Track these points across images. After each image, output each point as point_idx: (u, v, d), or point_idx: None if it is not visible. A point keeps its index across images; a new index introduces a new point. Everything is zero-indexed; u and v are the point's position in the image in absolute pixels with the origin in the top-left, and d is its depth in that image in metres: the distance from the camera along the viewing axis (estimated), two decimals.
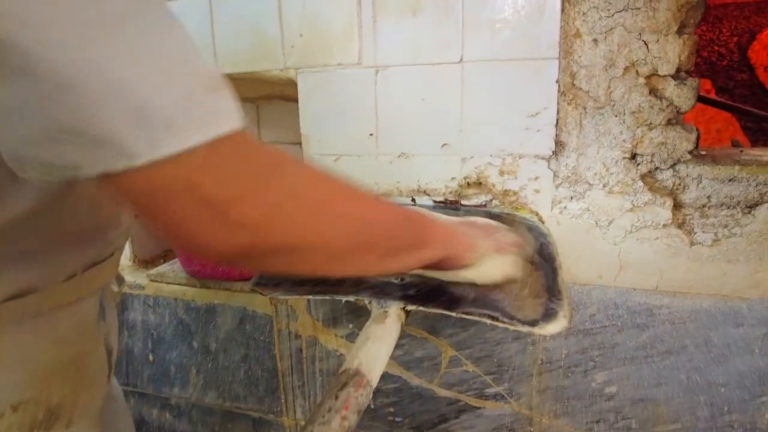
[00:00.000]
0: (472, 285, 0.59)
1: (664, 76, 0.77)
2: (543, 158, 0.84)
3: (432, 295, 0.56)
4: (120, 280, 0.67)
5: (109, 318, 0.59)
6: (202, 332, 1.11)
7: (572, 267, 0.86)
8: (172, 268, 1.16)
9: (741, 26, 1.60)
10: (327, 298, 0.58)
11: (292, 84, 0.94)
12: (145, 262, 1.24)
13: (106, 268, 0.53)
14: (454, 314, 0.52)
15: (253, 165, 0.33)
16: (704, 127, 1.29)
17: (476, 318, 0.52)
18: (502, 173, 0.86)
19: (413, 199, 0.92)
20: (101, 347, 0.56)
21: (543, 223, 0.85)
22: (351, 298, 0.54)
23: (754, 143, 1.31)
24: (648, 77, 0.78)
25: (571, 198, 0.84)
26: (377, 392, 1.00)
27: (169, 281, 1.12)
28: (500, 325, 0.51)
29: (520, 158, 0.85)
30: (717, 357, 0.82)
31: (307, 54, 0.91)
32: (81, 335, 0.52)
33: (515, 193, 0.87)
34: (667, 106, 0.78)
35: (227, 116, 0.31)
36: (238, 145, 0.32)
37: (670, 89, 0.77)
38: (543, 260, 0.66)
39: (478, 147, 0.86)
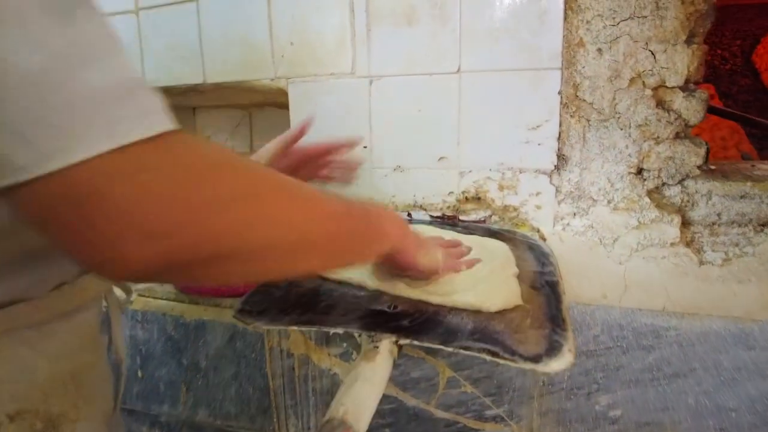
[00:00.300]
0: (471, 312, 0.55)
1: (672, 87, 0.74)
2: (544, 173, 0.80)
3: (427, 325, 0.52)
4: (128, 291, 0.64)
5: (115, 330, 0.57)
6: (192, 349, 1.07)
7: (575, 286, 0.82)
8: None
9: (744, 29, 1.56)
10: (314, 329, 0.55)
11: (284, 93, 0.91)
12: None
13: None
14: (450, 349, 0.48)
15: (172, 170, 0.30)
16: (708, 135, 1.26)
17: (475, 353, 0.48)
18: (501, 188, 0.83)
19: (409, 214, 0.88)
20: (103, 361, 0.54)
21: (545, 240, 0.81)
22: (339, 331, 0.51)
23: (761, 151, 1.27)
24: (655, 89, 0.74)
25: (575, 214, 0.80)
26: None
27: (156, 296, 1.08)
28: (501, 361, 0.48)
29: (520, 173, 0.81)
30: (727, 380, 0.79)
31: (298, 63, 0.87)
32: (80, 348, 0.50)
33: (516, 209, 0.83)
34: (675, 119, 0.74)
35: (139, 122, 0.28)
36: (155, 150, 0.29)
37: (678, 101, 0.74)
38: (545, 284, 0.62)
39: (477, 161, 0.82)
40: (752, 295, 0.75)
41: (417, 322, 0.52)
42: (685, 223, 0.77)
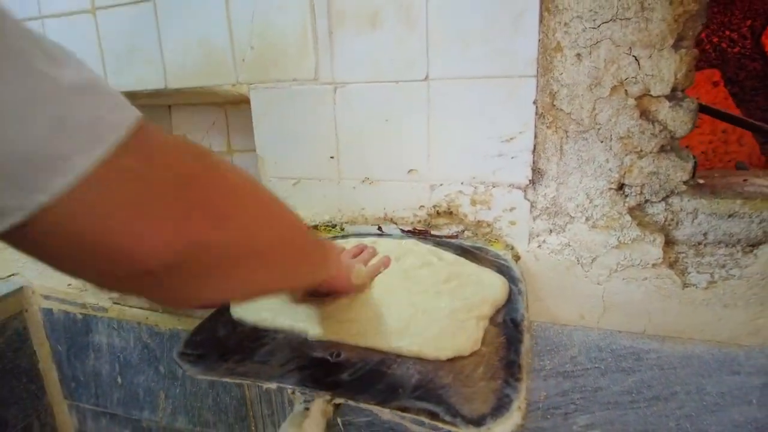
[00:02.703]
0: (419, 360, 0.52)
1: (658, 96, 0.67)
2: (519, 188, 0.75)
3: (367, 380, 0.48)
4: None
5: None
6: (168, 357, 1.06)
7: (551, 306, 0.78)
8: None
9: (756, 7, 1.46)
10: (247, 383, 0.52)
11: (248, 98, 0.86)
12: None
13: None
14: (387, 410, 0.45)
15: (154, 175, 0.28)
16: (709, 127, 1.18)
17: (412, 415, 0.44)
18: (474, 203, 0.78)
19: (380, 228, 0.84)
20: None
21: (519, 259, 0.77)
22: (273, 386, 0.47)
23: (764, 145, 1.19)
24: (639, 98, 0.68)
25: (551, 231, 0.76)
26: (348, 425, 0.95)
27: (131, 304, 1.06)
28: (440, 425, 0.44)
29: (493, 187, 0.76)
30: (710, 405, 0.75)
31: (260, 68, 0.82)
32: None
33: (489, 225, 0.78)
34: (660, 131, 0.68)
35: (111, 125, 0.27)
36: (134, 155, 0.27)
37: (664, 112, 0.67)
38: (509, 322, 0.58)
39: (448, 174, 0.77)
40: (738, 320, 0.70)
41: (358, 375, 0.49)
42: (669, 243, 0.72)
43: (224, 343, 0.56)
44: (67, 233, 0.26)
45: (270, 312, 0.58)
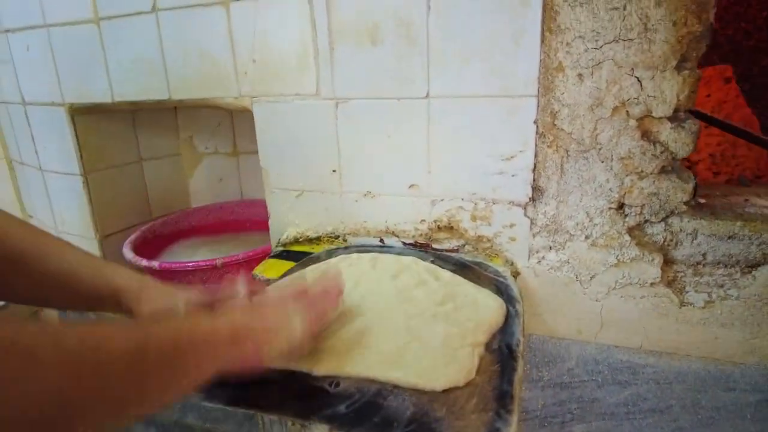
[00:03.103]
0: (414, 391, 0.53)
1: (660, 118, 0.67)
2: (519, 205, 0.75)
3: (364, 412, 0.50)
4: None
5: None
6: None
7: (550, 320, 0.79)
8: None
9: None
10: (249, 412, 0.54)
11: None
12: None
13: None
14: None
15: None
16: (718, 129, 1.16)
17: None
18: (474, 218, 0.78)
19: (381, 240, 0.85)
20: None
21: (518, 275, 0.78)
22: (273, 417, 0.49)
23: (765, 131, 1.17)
24: (640, 119, 0.67)
25: (550, 248, 0.76)
26: None
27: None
28: None
29: (493, 204, 0.76)
30: (704, 419, 0.76)
31: (262, 82, 0.82)
32: None
33: (489, 240, 0.79)
34: (662, 152, 0.68)
35: None
36: None
37: (666, 133, 0.67)
38: (504, 345, 0.59)
39: (448, 190, 0.78)
40: (735, 339, 0.71)
41: (355, 407, 0.51)
42: (668, 262, 0.72)
43: None
44: None
45: None
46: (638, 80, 0.66)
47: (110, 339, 0.35)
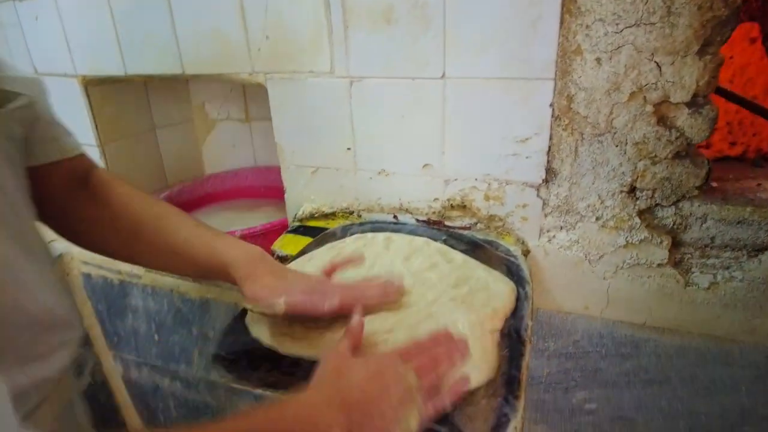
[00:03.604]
0: None
1: (677, 103, 0.66)
2: (532, 186, 0.76)
3: None
4: None
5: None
6: (199, 322, 1.14)
7: (557, 296, 0.82)
8: None
9: None
10: (279, 393, 0.58)
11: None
12: None
13: None
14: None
15: None
16: (736, 71, 1.13)
17: None
18: (487, 198, 0.80)
19: (395, 216, 0.87)
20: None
21: (528, 253, 0.80)
22: None
23: None
24: (657, 104, 0.67)
25: (561, 228, 0.78)
26: None
27: (163, 273, 1.13)
28: None
29: (507, 184, 0.77)
30: (701, 391, 0.80)
31: (276, 59, 0.82)
32: None
33: (501, 219, 0.80)
34: (677, 138, 0.68)
35: None
36: None
37: (683, 119, 0.67)
38: (513, 330, 0.62)
39: (462, 170, 0.79)
40: (736, 320, 0.74)
41: None
42: (676, 244, 0.74)
43: (252, 349, 0.61)
44: None
45: (290, 339, 0.60)
46: (658, 65, 0.65)
47: None
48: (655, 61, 0.65)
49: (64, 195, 0.54)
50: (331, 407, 0.40)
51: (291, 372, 0.57)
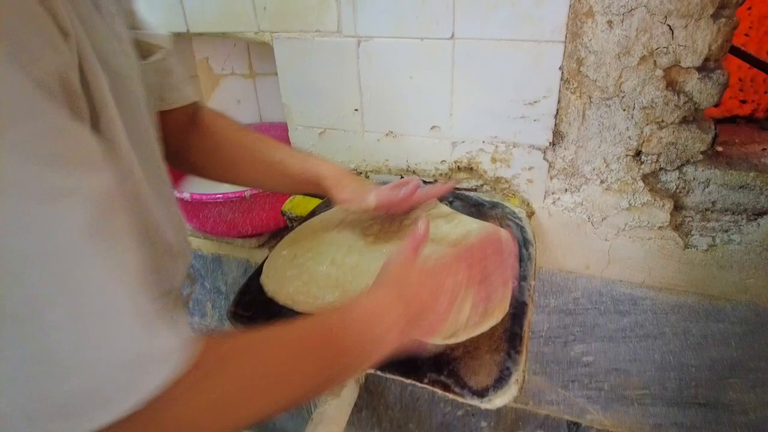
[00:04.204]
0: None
1: (687, 68, 0.66)
2: (539, 149, 0.77)
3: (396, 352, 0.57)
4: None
5: None
6: (212, 277, 1.18)
7: (560, 256, 0.85)
8: None
9: None
10: None
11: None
12: None
13: None
14: (407, 381, 0.54)
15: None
16: (753, 23, 1.07)
17: (428, 387, 0.54)
18: (494, 160, 0.81)
19: (402, 178, 0.88)
20: None
21: (533, 214, 0.82)
22: None
23: None
24: (667, 69, 0.67)
25: (566, 190, 0.79)
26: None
27: None
28: (450, 396, 0.54)
29: (514, 147, 0.78)
30: (693, 344, 0.84)
31: (282, 17, 0.80)
32: None
33: (507, 181, 0.82)
34: (685, 103, 0.68)
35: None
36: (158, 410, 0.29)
37: (692, 83, 0.67)
38: (518, 291, 0.65)
39: (470, 132, 0.79)
40: (731, 280, 0.76)
41: None
42: (677, 207, 0.75)
43: (268, 306, 0.65)
44: None
45: (304, 296, 0.63)
46: (670, 29, 0.64)
47: (332, 329, 0.41)
48: (668, 24, 0.64)
49: (180, 134, 0.61)
50: (394, 302, 0.45)
51: None
